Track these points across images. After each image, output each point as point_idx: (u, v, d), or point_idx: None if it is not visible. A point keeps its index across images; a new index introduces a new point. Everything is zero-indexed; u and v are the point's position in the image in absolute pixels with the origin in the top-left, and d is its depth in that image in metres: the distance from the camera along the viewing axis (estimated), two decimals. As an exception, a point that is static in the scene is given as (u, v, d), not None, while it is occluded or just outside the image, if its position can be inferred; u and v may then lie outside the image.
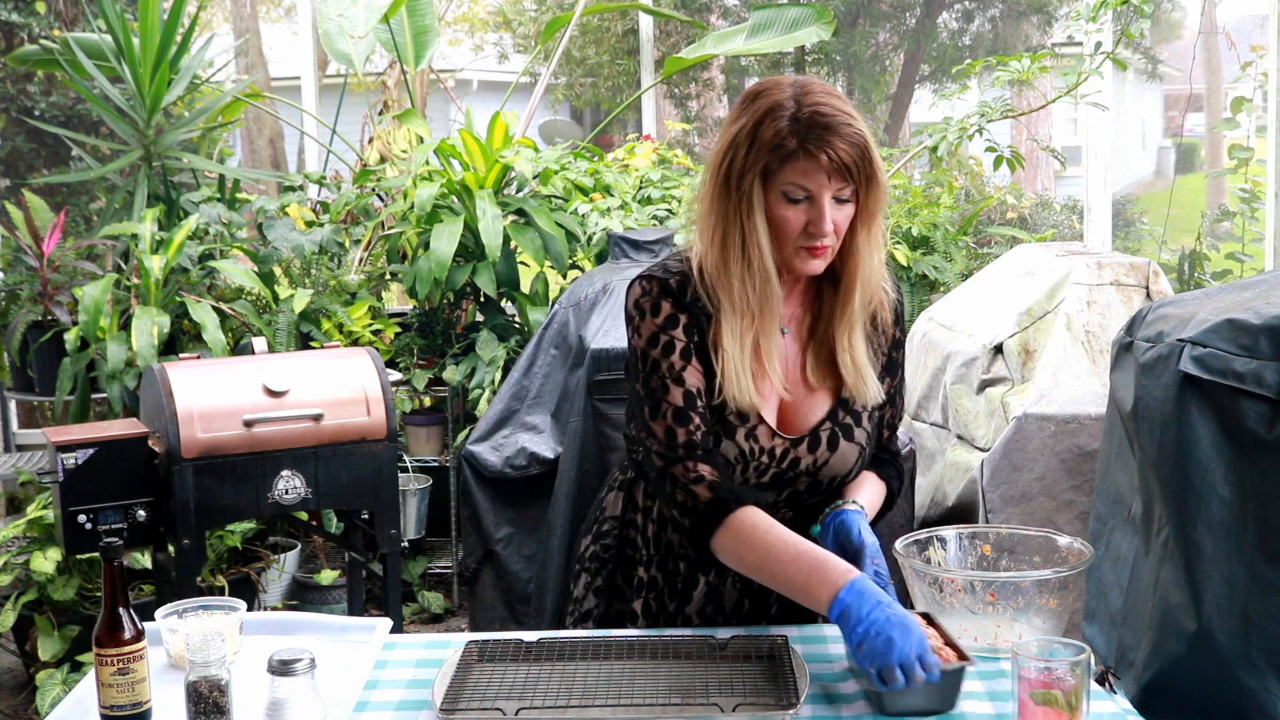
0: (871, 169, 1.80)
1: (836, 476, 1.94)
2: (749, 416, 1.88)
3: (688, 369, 1.87)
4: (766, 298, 1.85)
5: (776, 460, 1.90)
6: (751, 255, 1.83)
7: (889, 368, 2.01)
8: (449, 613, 4.46)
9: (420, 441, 4.51)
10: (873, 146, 1.80)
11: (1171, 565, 2.02)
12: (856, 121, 1.80)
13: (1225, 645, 1.92)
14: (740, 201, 1.82)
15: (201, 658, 1.58)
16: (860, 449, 1.94)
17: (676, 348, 1.88)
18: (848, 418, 1.93)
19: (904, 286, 4.57)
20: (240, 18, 12.13)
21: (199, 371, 2.98)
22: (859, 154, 1.78)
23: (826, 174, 1.78)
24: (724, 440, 1.88)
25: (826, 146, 1.77)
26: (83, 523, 2.85)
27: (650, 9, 5.84)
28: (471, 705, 1.66)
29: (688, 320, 1.88)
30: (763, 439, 1.89)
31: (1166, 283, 3.42)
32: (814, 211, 1.80)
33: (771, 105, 1.80)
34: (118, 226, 4.18)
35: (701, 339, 1.88)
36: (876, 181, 1.81)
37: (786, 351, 1.93)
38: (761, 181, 1.81)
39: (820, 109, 1.78)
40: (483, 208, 4.27)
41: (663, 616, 2.01)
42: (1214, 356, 1.96)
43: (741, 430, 1.88)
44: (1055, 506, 3.19)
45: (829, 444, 1.91)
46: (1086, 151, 5.45)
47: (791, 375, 1.93)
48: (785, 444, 1.90)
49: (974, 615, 1.82)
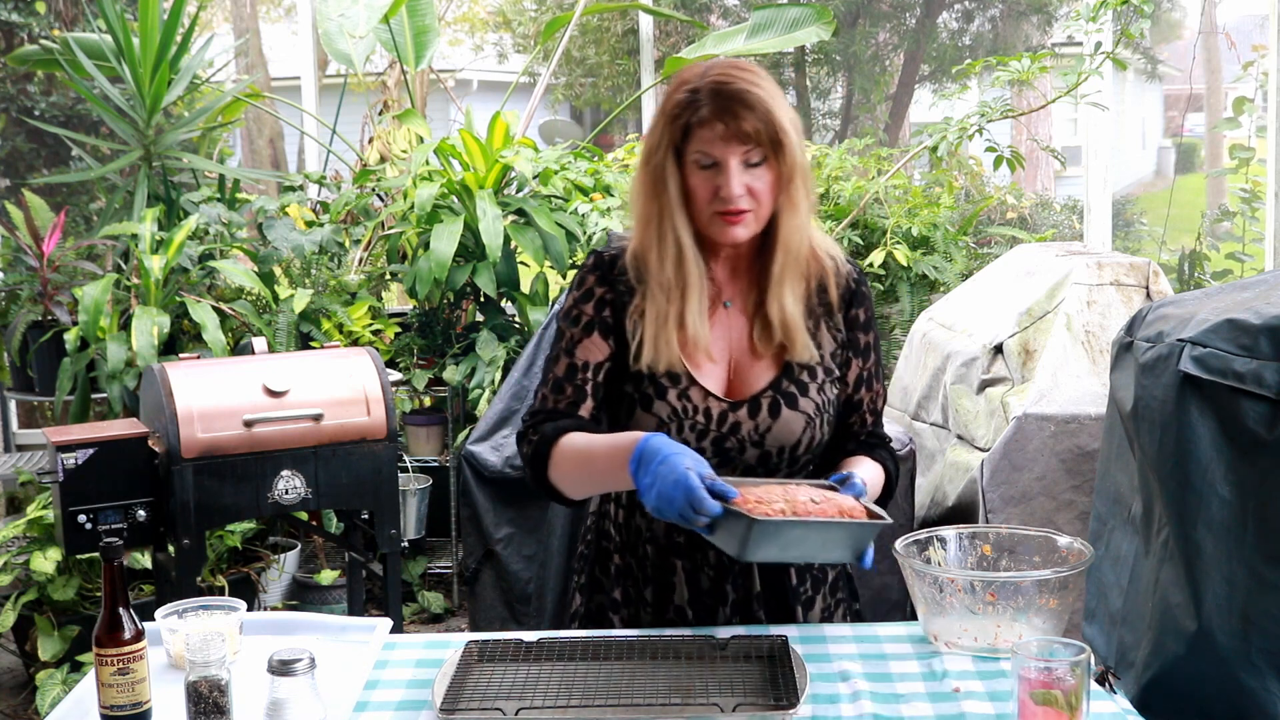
0: (776, 132, 1.83)
1: (785, 446, 1.93)
2: (680, 378, 1.92)
3: (584, 342, 1.95)
4: (684, 272, 1.90)
5: (714, 423, 1.92)
6: (665, 230, 1.89)
7: (853, 349, 2.01)
8: (449, 613, 4.46)
9: (420, 441, 4.52)
10: (778, 111, 1.84)
11: (1171, 565, 2.02)
12: (760, 89, 1.84)
13: (1225, 645, 1.92)
14: (656, 178, 1.89)
15: (201, 658, 1.58)
16: (808, 419, 1.93)
17: (581, 321, 1.96)
18: (791, 386, 1.94)
19: (903, 287, 4.57)
20: (240, 18, 12.13)
21: (199, 371, 2.98)
22: (761, 118, 1.83)
23: (727, 139, 1.83)
24: (656, 401, 1.91)
25: (724, 113, 1.83)
26: (83, 523, 2.85)
27: (650, 9, 5.84)
28: (471, 705, 1.66)
29: (605, 294, 1.95)
30: (695, 399, 1.92)
31: (1166, 283, 3.42)
32: (721, 177, 1.84)
33: (679, 82, 1.89)
34: (118, 226, 4.18)
35: (619, 313, 1.94)
36: (784, 145, 1.84)
37: (732, 324, 1.97)
38: (674, 156, 1.87)
39: (721, 79, 1.85)
40: (483, 208, 4.27)
41: (643, 607, 2.00)
42: (1214, 356, 1.96)
43: (673, 391, 1.92)
44: (1055, 506, 3.19)
45: (770, 410, 1.92)
46: (1086, 151, 5.46)
47: (739, 346, 1.96)
48: (723, 407, 1.92)
49: (974, 615, 1.82)
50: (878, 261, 4.49)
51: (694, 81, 1.86)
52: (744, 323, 1.97)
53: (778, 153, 1.85)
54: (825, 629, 1.95)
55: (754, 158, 1.85)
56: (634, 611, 2.01)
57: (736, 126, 1.82)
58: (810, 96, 9.79)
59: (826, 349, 1.98)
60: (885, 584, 3.37)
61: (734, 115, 1.82)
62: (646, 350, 1.91)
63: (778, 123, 1.83)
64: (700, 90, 1.85)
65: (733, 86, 1.84)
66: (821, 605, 2.03)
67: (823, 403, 1.96)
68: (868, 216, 4.71)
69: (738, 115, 1.82)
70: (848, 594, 2.11)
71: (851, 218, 4.64)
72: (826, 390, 1.97)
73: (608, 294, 1.96)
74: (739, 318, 1.97)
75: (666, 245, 1.90)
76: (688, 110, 1.85)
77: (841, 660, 1.81)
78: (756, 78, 1.86)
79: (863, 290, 2.03)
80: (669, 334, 1.91)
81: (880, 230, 4.66)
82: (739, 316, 1.97)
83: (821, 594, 2.03)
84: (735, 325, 1.97)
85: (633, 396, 1.93)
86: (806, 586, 2.02)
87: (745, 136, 1.83)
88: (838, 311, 2.00)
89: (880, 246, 4.53)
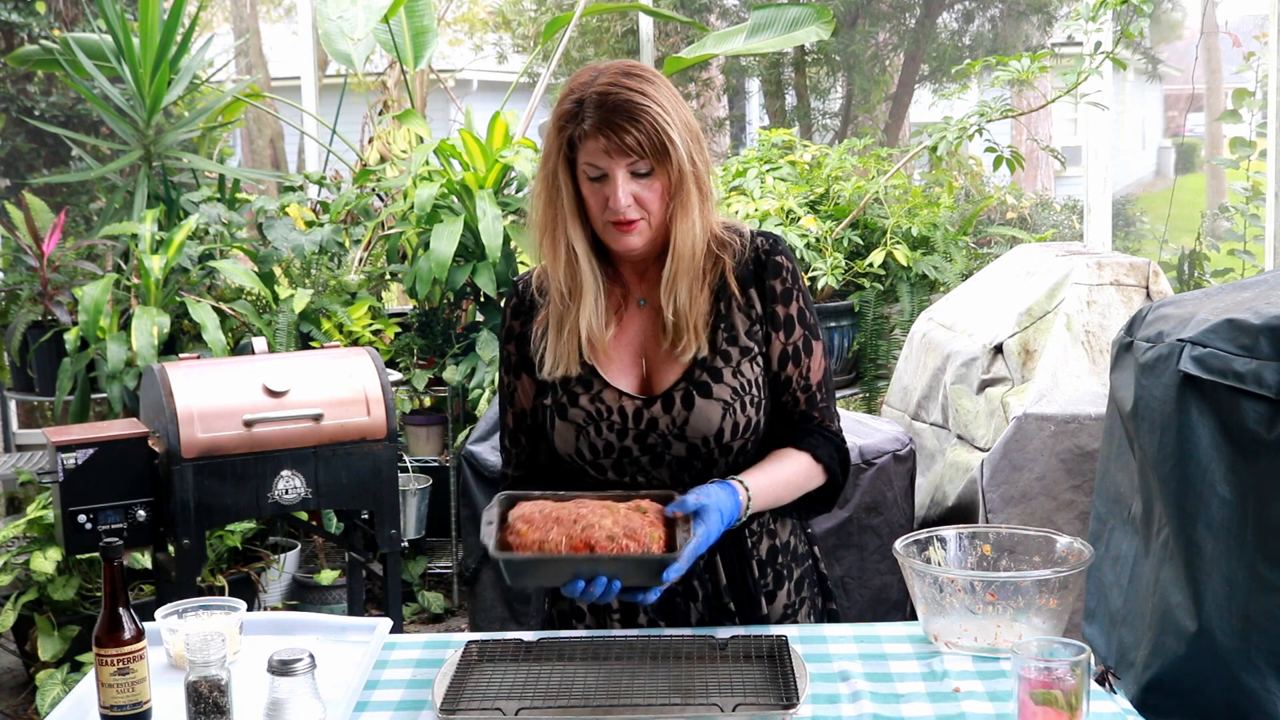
0: (662, 144, 1.82)
1: (708, 437, 1.92)
2: (591, 382, 1.94)
3: (517, 388, 2.03)
4: (578, 279, 1.92)
5: (631, 420, 1.93)
6: (559, 238, 1.91)
7: (771, 323, 1.97)
8: (449, 613, 4.46)
9: (420, 441, 4.52)
10: (662, 119, 1.82)
11: (1171, 565, 2.02)
12: (645, 98, 1.82)
13: (1225, 645, 1.92)
14: (549, 186, 1.90)
15: (201, 658, 1.58)
16: (724, 405, 1.92)
17: (510, 364, 2.04)
18: (704, 375, 1.93)
19: (903, 287, 4.57)
20: (240, 18, 12.13)
21: (199, 371, 2.98)
22: (644, 130, 1.81)
23: (611, 153, 1.82)
24: (570, 408, 1.94)
25: (606, 125, 1.82)
26: (83, 523, 2.85)
27: (650, 10, 5.84)
28: (471, 705, 1.66)
29: (520, 328, 2.02)
30: (609, 400, 1.94)
31: (1166, 283, 3.42)
32: (609, 188, 1.85)
33: (568, 90, 1.88)
34: (118, 226, 4.18)
35: (527, 338, 2.00)
36: (670, 156, 1.84)
37: (645, 322, 1.98)
38: (566, 164, 1.88)
39: (607, 89, 1.83)
40: (483, 208, 4.27)
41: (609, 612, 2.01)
42: (1214, 356, 1.96)
43: (585, 396, 1.94)
44: (1055, 506, 3.19)
45: (683, 402, 1.92)
46: (1086, 151, 5.45)
47: (652, 343, 1.97)
48: (637, 404, 1.93)
49: (974, 615, 1.82)
50: (878, 261, 4.49)
51: (579, 91, 1.84)
52: (657, 319, 1.97)
53: (664, 162, 1.84)
54: (825, 629, 1.95)
55: (641, 168, 1.84)
56: (601, 619, 2.02)
57: (619, 140, 1.81)
58: (810, 96, 9.79)
59: (741, 328, 1.96)
60: (885, 584, 3.37)
61: (616, 128, 1.81)
62: (549, 360, 1.95)
63: (663, 132, 1.82)
64: (584, 101, 1.83)
65: (616, 98, 1.82)
66: (785, 600, 2.02)
67: (741, 384, 1.94)
68: (868, 216, 4.71)
69: (620, 128, 1.81)
70: (818, 592, 2.10)
71: (851, 218, 4.64)
72: (745, 371, 1.94)
73: (524, 326, 2.01)
74: (652, 314, 1.98)
75: (560, 251, 1.91)
76: (572, 123, 1.84)
77: (841, 660, 1.81)
78: (642, 84, 1.84)
79: (775, 260, 1.97)
80: (566, 339, 1.94)
81: (880, 230, 4.66)
82: (651, 313, 1.98)
83: (785, 590, 2.03)
84: (649, 322, 1.98)
85: (550, 407, 1.97)
86: (768, 580, 2.01)
87: (628, 150, 1.82)
88: (749, 289, 1.97)
89: (880, 246, 4.53)
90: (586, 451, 1.95)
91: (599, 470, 1.96)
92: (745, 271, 1.97)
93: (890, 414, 3.99)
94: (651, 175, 1.85)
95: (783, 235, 3.16)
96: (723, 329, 1.95)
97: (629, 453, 1.93)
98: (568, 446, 1.96)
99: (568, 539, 1.73)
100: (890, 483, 3.34)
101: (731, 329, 1.95)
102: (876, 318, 4.58)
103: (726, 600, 1.98)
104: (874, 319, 4.58)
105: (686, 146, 1.85)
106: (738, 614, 1.98)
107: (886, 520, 3.34)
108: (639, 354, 1.97)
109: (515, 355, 2.03)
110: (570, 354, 1.94)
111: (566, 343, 1.94)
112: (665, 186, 1.86)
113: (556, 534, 1.73)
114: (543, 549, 1.73)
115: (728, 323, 1.95)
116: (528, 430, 2.03)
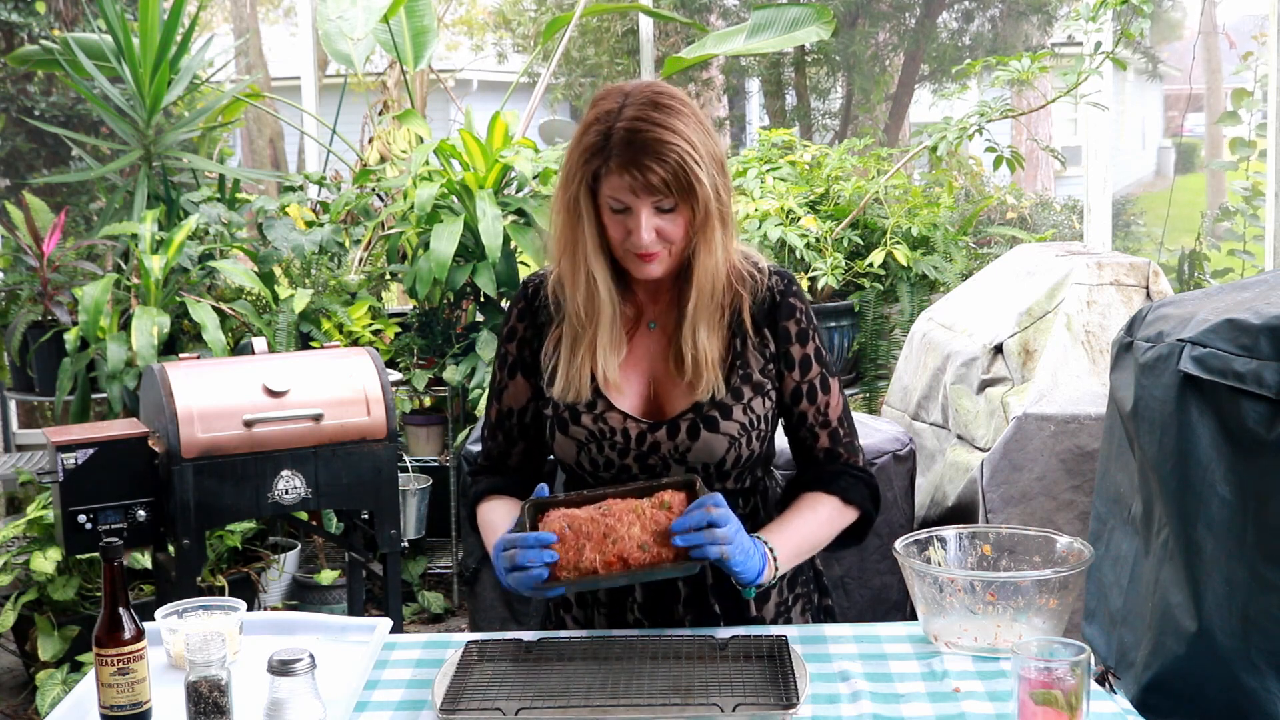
0: (689, 182, 1.81)
1: (709, 464, 1.94)
2: (595, 404, 1.94)
3: (509, 386, 2.03)
4: (596, 305, 1.91)
5: (634, 443, 1.94)
6: (579, 263, 1.90)
7: (785, 362, 1.98)
8: (449, 613, 4.46)
9: (420, 441, 4.52)
10: (692, 159, 1.81)
11: (1171, 565, 2.02)
12: (673, 134, 1.81)
13: (1225, 645, 1.92)
14: (571, 210, 1.89)
15: (201, 658, 1.58)
16: (731, 439, 1.93)
17: (507, 363, 2.04)
18: (713, 410, 1.93)
19: (903, 287, 4.57)
20: (240, 18, 12.13)
21: (199, 371, 2.98)
22: (671, 170, 1.80)
23: (636, 190, 1.82)
24: (572, 425, 1.95)
25: (633, 165, 1.80)
26: (83, 523, 2.85)
27: (650, 10, 5.84)
28: (471, 705, 1.66)
29: (526, 331, 2.02)
30: (613, 421, 1.94)
31: (1166, 283, 3.42)
32: (633, 222, 1.84)
33: (595, 117, 1.85)
34: (118, 226, 4.18)
35: (538, 350, 2.00)
36: (697, 195, 1.83)
37: (655, 345, 1.98)
38: (589, 191, 1.86)
39: (634, 125, 1.81)
40: (483, 208, 4.27)
41: (597, 609, 2.01)
42: (1214, 356, 1.96)
43: (588, 416, 1.94)
44: (1055, 506, 3.19)
45: (689, 432, 1.93)
46: (1086, 151, 5.45)
47: (661, 367, 1.97)
48: (641, 428, 1.94)
49: (974, 615, 1.82)
50: (878, 261, 4.49)
51: (605, 122, 1.83)
52: (665, 344, 1.97)
53: (689, 199, 1.83)
54: (825, 629, 1.95)
55: (665, 205, 1.84)
56: (588, 614, 2.02)
57: (645, 180, 1.80)
58: (810, 96, 9.79)
59: (755, 366, 1.96)
60: (885, 584, 3.37)
61: (642, 168, 1.80)
62: (559, 381, 1.95)
63: (691, 171, 1.81)
64: (612, 136, 1.81)
65: (644, 136, 1.80)
66: (777, 599, 2.02)
67: (751, 420, 1.94)
68: (868, 216, 4.71)
69: (646, 168, 1.80)
70: (814, 589, 2.11)
71: (851, 218, 4.64)
72: (755, 407, 1.95)
73: (528, 330, 2.01)
74: (661, 338, 1.98)
75: (579, 278, 1.91)
76: (597, 156, 1.82)
77: (841, 660, 1.81)
78: (670, 116, 1.82)
79: (789, 302, 1.98)
80: (579, 365, 1.94)
81: (880, 230, 4.66)
82: (661, 337, 1.98)
83: (778, 588, 2.03)
84: (658, 346, 1.98)
85: (552, 419, 1.98)
86: None
87: (654, 189, 1.81)
88: (763, 329, 1.97)
89: (880, 246, 4.53)
90: (587, 464, 1.97)
91: (597, 481, 1.98)
92: (760, 311, 1.98)
93: (890, 414, 3.99)
94: (675, 210, 1.85)
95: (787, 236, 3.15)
96: (738, 366, 1.96)
97: (628, 470, 1.95)
98: (568, 458, 1.98)
99: (601, 558, 1.76)
100: (890, 483, 3.34)
101: (746, 367, 1.96)
102: (876, 318, 4.58)
103: (712, 601, 1.99)
104: (874, 319, 4.58)
105: (713, 180, 1.85)
106: (723, 616, 1.98)
107: (886, 520, 3.33)
108: (647, 377, 1.97)
109: (514, 355, 2.03)
110: (582, 381, 1.94)
111: (579, 370, 1.94)
112: (689, 220, 1.86)
113: (590, 553, 1.76)
114: (579, 569, 1.76)
115: (742, 360, 1.96)
116: (506, 431, 2.05)
